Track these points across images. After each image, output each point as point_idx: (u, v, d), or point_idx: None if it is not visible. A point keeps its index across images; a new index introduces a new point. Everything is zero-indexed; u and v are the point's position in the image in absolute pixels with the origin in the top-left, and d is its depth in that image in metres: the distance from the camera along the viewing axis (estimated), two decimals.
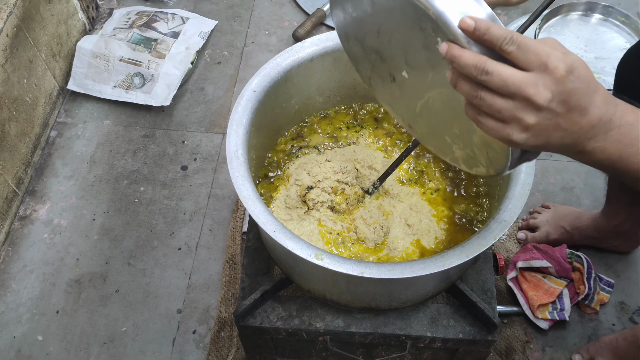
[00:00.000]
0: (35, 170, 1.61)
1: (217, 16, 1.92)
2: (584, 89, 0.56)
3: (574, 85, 0.55)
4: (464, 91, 0.58)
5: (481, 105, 0.57)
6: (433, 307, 1.01)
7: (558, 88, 0.54)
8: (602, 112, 0.57)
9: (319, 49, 1.01)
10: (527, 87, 0.54)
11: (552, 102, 0.55)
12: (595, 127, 0.57)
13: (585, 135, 0.57)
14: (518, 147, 0.59)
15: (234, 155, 0.89)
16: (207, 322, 1.38)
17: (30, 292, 1.42)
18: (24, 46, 1.51)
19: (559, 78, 0.54)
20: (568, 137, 0.58)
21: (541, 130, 0.57)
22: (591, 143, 0.58)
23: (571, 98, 0.55)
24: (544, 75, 0.54)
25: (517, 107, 0.55)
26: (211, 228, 1.52)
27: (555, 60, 0.54)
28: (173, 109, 1.73)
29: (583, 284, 1.34)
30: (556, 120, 0.56)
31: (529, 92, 0.54)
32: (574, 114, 0.56)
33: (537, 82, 0.54)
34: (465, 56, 0.56)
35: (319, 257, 0.79)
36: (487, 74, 0.55)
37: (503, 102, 0.56)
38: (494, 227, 0.82)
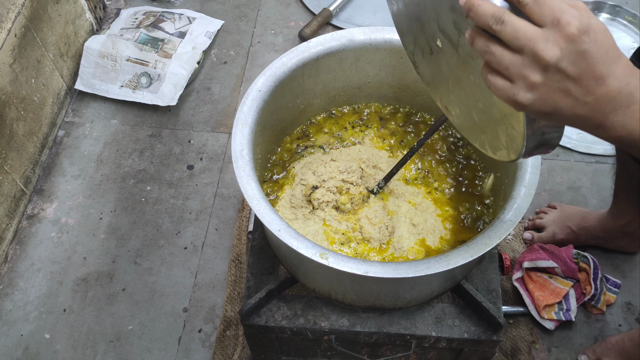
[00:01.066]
0: (42, 170, 1.62)
1: (224, 16, 1.93)
2: (601, 54, 0.51)
3: (588, 47, 0.51)
4: (478, 46, 0.55)
5: (492, 61, 0.54)
6: (438, 307, 1.01)
7: (569, 47, 0.50)
8: (622, 84, 0.53)
9: (324, 48, 1.02)
10: (536, 42, 0.51)
11: (561, 62, 0.51)
12: (615, 100, 0.53)
13: (602, 108, 0.53)
14: (525, 110, 0.55)
15: (239, 154, 0.89)
16: (213, 320, 1.39)
17: (37, 291, 1.43)
18: (32, 46, 1.52)
19: (570, 36, 0.50)
20: (581, 108, 0.54)
21: (548, 92, 0.53)
22: (611, 117, 0.54)
23: (584, 61, 0.51)
24: (555, 31, 0.50)
25: (524, 63, 0.52)
26: (217, 227, 1.52)
27: (569, 17, 0.50)
28: (179, 108, 1.73)
29: (589, 285, 1.33)
30: (565, 84, 0.52)
31: (538, 47, 0.51)
32: (588, 80, 0.52)
33: (548, 37, 0.51)
34: (485, 5, 0.53)
35: (323, 256, 0.80)
36: (501, 24, 0.52)
37: (511, 57, 0.53)
38: (499, 226, 0.82)
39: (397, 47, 1.03)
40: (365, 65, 1.07)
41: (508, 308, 1.35)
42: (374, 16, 1.93)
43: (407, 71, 1.07)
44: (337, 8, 1.89)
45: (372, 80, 1.10)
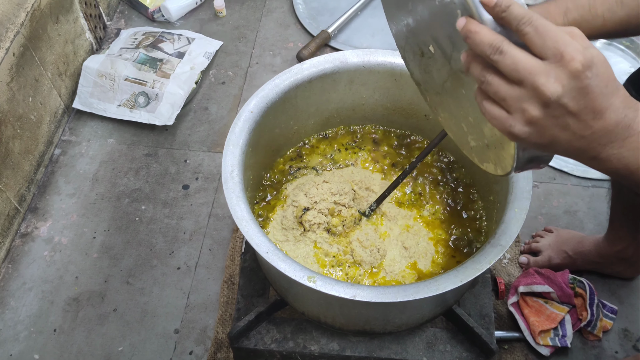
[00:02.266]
0: (38, 188, 1.62)
1: (223, 37, 1.94)
2: (602, 88, 0.50)
3: (590, 82, 0.49)
4: (474, 74, 0.54)
5: (488, 91, 0.53)
6: (429, 332, 0.99)
7: (571, 83, 0.49)
8: (620, 117, 0.52)
9: (317, 70, 1.02)
10: (537, 76, 0.49)
11: (563, 98, 0.49)
12: (611, 133, 0.52)
13: (598, 140, 0.52)
14: (520, 142, 0.54)
15: (230, 175, 0.89)
16: (204, 342, 1.37)
17: (28, 310, 1.42)
18: (30, 65, 1.53)
19: (574, 72, 0.49)
20: (578, 141, 0.52)
21: (546, 127, 0.52)
22: (606, 150, 0.53)
23: (585, 97, 0.50)
24: (558, 66, 0.49)
25: (524, 96, 0.51)
26: (211, 248, 1.51)
27: (573, 51, 0.48)
28: (176, 128, 1.74)
29: (585, 310, 1.32)
30: (565, 119, 0.51)
31: (539, 82, 0.49)
32: (587, 115, 0.51)
33: (550, 72, 0.49)
34: (483, 32, 0.51)
35: (311, 279, 0.79)
36: (500, 54, 0.50)
37: (509, 89, 0.51)
38: (490, 251, 0.81)
39: (391, 70, 1.03)
40: (359, 87, 1.07)
41: (503, 333, 1.33)
42: (372, 38, 1.94)
43: (401, 93, 1.07)
44: (336, 30, 1.90)
45: (366, 102, 1.10)
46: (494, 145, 0.64)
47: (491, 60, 0.51)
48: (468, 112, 0.68)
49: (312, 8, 1.99)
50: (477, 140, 0.69)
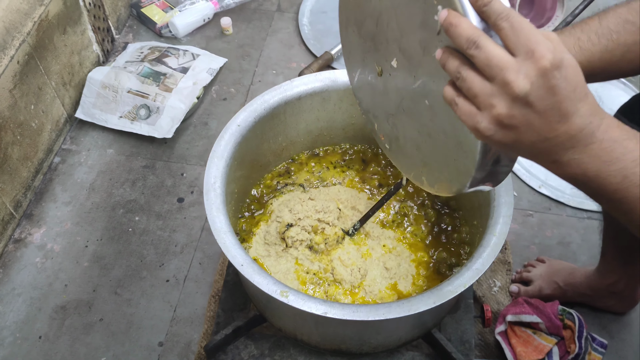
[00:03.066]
0: (35, 195, 1.63)
1: (228, 54, 1.97)
2: (569, 92, 0.50)
3: (558, 83, 0.50)
4: (450, 69, 0.54)
5: (462, 87, 0.53)
6: (408, 355, 0.98)
7: (539, 81, 0.49)
8: (585, 123, 0.52)
9: (307, 88, 1.03)
10: (507, 71, 0.49)
11: (530, 95, 0.50)
12: (575, 138, 0.52)
13: (562, 144, 0.53)
14: (485, 139, 0.54)
15: (212, 187, 0.90)
16: (188, 357, 1.36)
17: (15, 316, 1.42)
18: (35, 73, 1.56)
19: (542, 70, 0.49)
20: (542, 143, 0.53)
21: (512, 125, 0.52)
22: (568, 154, 0.53)
23: (552, 97, 0.50)
24: (528, 63, 0.49)
25: (493, 92, 0.51)
26: (201, 262, 1.51)
27: (543, 50, 0.49)
28: (175, 141, 1.75)
29: (574, 343, 1.29)
30: (530, 118, 0.51)
31: (508, 77, 0.49)
32: (553, 117, 0.51)
33: (520, 68, 0.49)
34: (463, 25, 0.51)
35: (284, 294, 0.78)
36: (476, 48, 0.50)
37: (482, 84, 0.51)
38: (466, 274, 0.80)
39: None
40: (348, 107, 1.08)
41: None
42: None
43: None
44: (339, 52, 1.92)
45: (355, 121, 1.11)
46: (454, 151, 0.63)
47: (468, 55, 0.51)
48: (428, 125, 0.67)
49: (318, 30, 2.02)
50: (432, 156, 0.69)
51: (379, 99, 0.79)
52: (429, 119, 0.67)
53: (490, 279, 1.45)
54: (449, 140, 0.63)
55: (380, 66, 0.75)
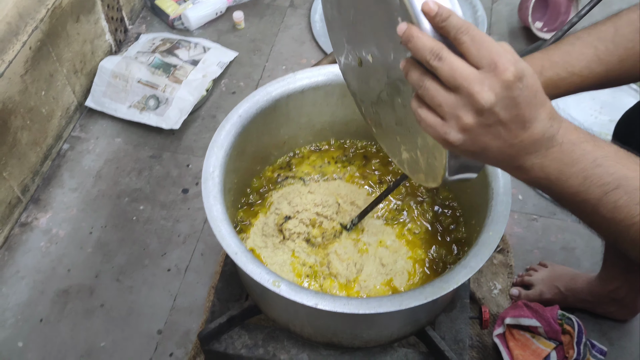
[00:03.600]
0: (42, 180, 1.65)
1: (239, 48, 1.97)
2: (531, 99, 0.53)
3: (521, 93, 0.52)
4: (412, 80, 0.55)
5: (424, 96, 0.54)
6: (401, 352, 0.98)
7: (503, 92, 0.51)
8: (545, 128, 0.54)
9: (310, 82, 1.03)
10: (472, 84, 0.51)
11: (495, 106, 0.51)
12: (537, 142, 0.54)
13: (525, 149, 0.55)
14: (453, 149, 0.55)
15: (210, 176, 0.90)
16: (186, 345, 1.37)
17: (18, 298, 1.44)
18: (46, 60, 1.58)
19: (506, 82, 0.51)
20: (507, 150, 0.55)
21: (479, 135, 0.53)
22: (531, 159, 0.55)
23: (516, 107, 0.52)
24: (492, 76, 0.51)
25: (459, 103, 0.52)
26: (203, 252, 1.52)
27: (506, 62, 0.51)
28: (183, 133, 1.76)
29: (572, 348, 1.28)
30: (496, 128, 0.53)
31: (473, 90, 0.51)
32: (516, 125, 0.53)
33: (484, 81, 0.51)
34: (424, 39, 0.52)
35: (276, 283, 0.79)
36: (439, 60, 0.51)
37: (446, 95, 0.52)
38: (459, 271, 0.80)
39: None
40: (351, 102, 1.06)
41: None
42: None
43: None
44: None
45: (358, 117, 1.10)
46: (426, 155, 0.65)
47: (430, 67, 0.52)
48: (402, 122, 0.69)
49: None
50: (409, 150, 0.70)
51: (362, 86, 0.80)
52: (404, 115, 0.68)
53: (491, 281, 1.45)
54: (422, 139, 0.65)
55: (360, 57, 0.76)
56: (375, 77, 0.72)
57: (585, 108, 1.79)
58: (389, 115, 0.74)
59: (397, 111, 0.69)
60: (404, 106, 0.66)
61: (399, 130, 0.72)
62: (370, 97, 0.79)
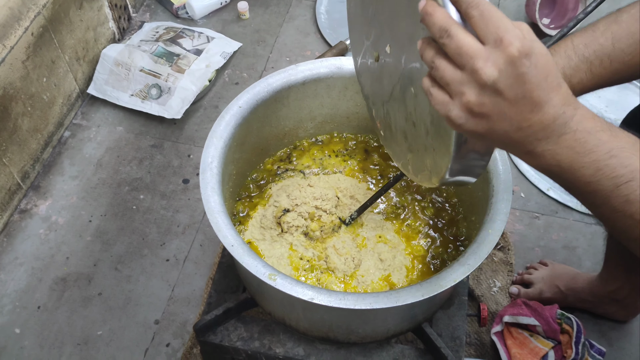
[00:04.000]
0: (43, 167, 1.65)
1: (243, 39, 1.96)
2: (540, 80, 0.50)
3: (527, 71, 0.49)
4: (426, 58, 0.54)
5: (435, 75, 0.53)
6: (397, 348, 0.97)
7: (507, 69, 0.49)
8: (558, 113, 0.52)
9: (312, 74, 1.02)
10: (476, 59, 0.49)
11: (498, 83, 0.49)
12: (548, 128, 0.52)
13: (535, 134, 0.53)
14: (457, 128, 0.54)
15: (208, 166, 0.89)
16: (183, 336, 1.37)
17: (16, 285, 1.44)
18: (48, 46, 1.57)
19: (510, 57, 0.49)
20: (516, 133, 0.53)
21: (483, 113, 0.52)
22: (542, 145, 0.53)
23: (522, 85, 0.50)
24: (496, 51, 0.49)
25: (463, 80, 0.51)
26: (202, 243, 1.52)
27: (512, 37, 0.49)
28: (185, 122, 1.75)
29: (571, 348, 1.28)
30: (501, 106, 0.51)
31: (477, 65, 0.49)
32: (524, 106, 0.51)
33: (488, 56, 0.49)
34: (437, 14, 0.51)
35: (272, 277, 0.78)
36: (448, 37, 0.50)
37: (453, 73, 0.51)
38: (457, 269, 0.79)
39: None
40: (353, 95, 1.06)
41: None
42: None
43: None
44: None
45: (360, 110, 1.09)
46: (433, 148, 0.63)
47: (440, 44, 0.51)
48: (412, 116, 0.68)
49: (334, 19, 2.00)
50: (415, 150, 0.70)
51: (376, 85, 0.80)
52: (413, 107, 0.67)
53: (490, 279, 1.44)
54: (429, 130, 0.64)
55: (377, 51, 0.76)
56: (390, 72, 0.72)
57: (591, 106, 1.77)
58: (400, 112, 0.73)
59: (408, 105, 0.68)
60: (416, 96, 0.65)
61: (408, 127, 0.71)
62: (382, 96, 0.78)
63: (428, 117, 0.63)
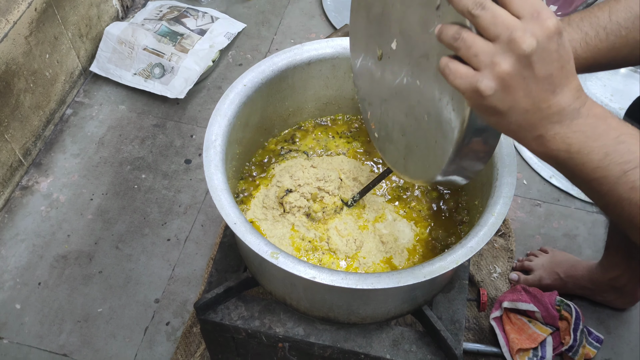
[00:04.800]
0: (44, 144, 1.65)
1: (247, 20, 1.95)
2: (565, 63, 0.51)
3: (557, 48, 0.50)
4: (448, 36, 0.53)
5: (460, 48, 0.52)
6: (397, 330, 0.98)
7: (544, 42, 0.50)
8: (572, 99, 0.53)
9: (317, 54, 1.01)
10: (515, 30, 0.49)
11: (534, 54, 0.50)
12: (562, 112, 0.53)
13: (550, 117, 0.53)
14: (482, 101, 0.52)
15: (212, 144, 0.89)
16: (182, 315, 1.37)
17: (17, 261, 1.44)
18: (51, 22, 1.56)
19: (548, 31, 0.49)
20: (533, 114, 0.53)
21: (512, 87, 0.51)
22: (554, 128, 0.54)
23: (552, 63, 0.51)
24: (535, 23, 0.49)
25: (497, 50, 0.50)
26: (203, 224, 1.52)
27: (549, 13, 0.50)
28: (187, 103, 1.75)
29: (569, 335, 1.28)
30: (528, 82, 0.51)
31: (515, 34, 0.49)
32: (549, 85, 0.51)
33: (526, 27, 0.49)
34: None
35: (274, 255, 0.78)
36: (482, 9, 0.50)
37: (483, 44, 0.51)
38: (459, 252, 0.79)
39: None
40: None
41: (482, 346, 1.31)
42: None
43: None
44: None
45: None
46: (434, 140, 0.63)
47: (471, 16, 0.51)
48: (414, 108, 0.68)
49: (339, 2, 1.99)
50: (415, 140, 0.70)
51: (375, 85, 0.81)
52: (417, 100, 0.68)
53: (491, 264, 1.44)
54: (431, 123, 0.64)
55: (381, 49, 0.76)
56: (394, 68, 0.72)
57: (595, 95, 1.76)
58: (400, 108, 0.74)
59: (411, 98, 0.69)
60: (422, 89, 0.65)
61: (408, 122, 0.71)
62: (381, 95, 0.79)
63: (432, 110, 0.63)
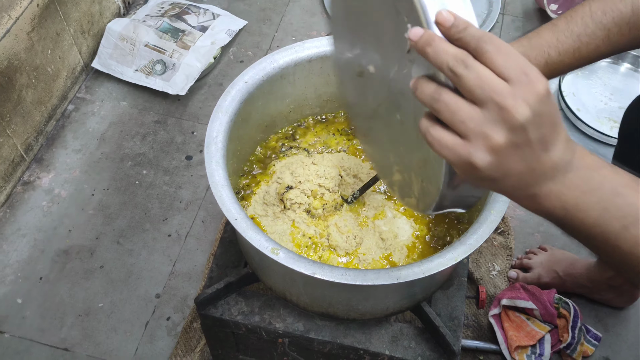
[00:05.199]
0: (46, 140, 1.65)
1: (248, 17, 1.95)
2: (554, 119, 0.47)
3: (549, 110, 0.46)
4: (426, 94, 0.47)
5: (442, 112, 0.46)
6: (396, 326, 0.98)
7: (537, 107, 0.45)
8: (563, 152, 0.48)
9: (318, 51, 1.02)
10: (504, 97, 0.44)
11: (529, 123, 0.45)
12: (555, 167, 0.48)
13: (543, 175, 0.48)
14: (476, 173, 0.47)
15: (213, 140, 0.89)
16: (183, 310, 1.38)
17: (18, 255, 1.45)
18: (54, 18, 1.56)
19: (539, 96, 0.45)
20: (527, 175, 0.48)
21: (508, 156, 0.46)
22: (548, 185, 0.49)
23: (542, 125, 0.46)
24: (525, 88, 0.44)
25: (488, 119, 0.45)
26: (204, 220, 1.53)
27: (537, 74, 0.45)
28: (189, 99, 1.75)
29: (567, 332, 1.29)
30: (522, 148, 0.46)
31: (506, 103, 0.44)
32: (540, 145, 0.47)
33: (516, 93, 0.44)
34: (446, 44, 0.46)
35: (274, 251, 0.79)
36: (465, 67, 0.45)
37: (470, 111, 0.45)
38: (459, 249, 0.80)
39: None
40: None
41: (480, 343, 1.31)
42: None
43: None
44: None
45: None
46: (420, 179, 0.59)
47: (453, 75, 0.45)
48: (399, 141, 0.63)
49: None
50: (403, 172, 0.66)
51: (359, 99, 0.75)
52: (399, 133, 0.63)
53: (490, 262, 1.45)
54: (417, 161, 0.60)
55: (361, 67, 0.70)
56: (375, 90, 0.67)
57: (595, 94, 1.77)
58: (384, 133, 0.69)
59: (394, 129, 0.63)
60: (402, 124, 0.60)
61: (394, 149, 0.66)
62: (366, 112, 0.73)
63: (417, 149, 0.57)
